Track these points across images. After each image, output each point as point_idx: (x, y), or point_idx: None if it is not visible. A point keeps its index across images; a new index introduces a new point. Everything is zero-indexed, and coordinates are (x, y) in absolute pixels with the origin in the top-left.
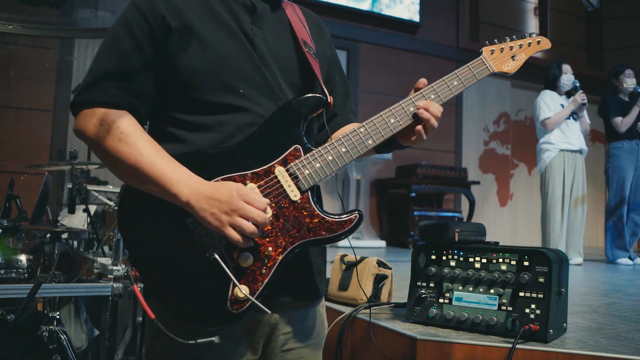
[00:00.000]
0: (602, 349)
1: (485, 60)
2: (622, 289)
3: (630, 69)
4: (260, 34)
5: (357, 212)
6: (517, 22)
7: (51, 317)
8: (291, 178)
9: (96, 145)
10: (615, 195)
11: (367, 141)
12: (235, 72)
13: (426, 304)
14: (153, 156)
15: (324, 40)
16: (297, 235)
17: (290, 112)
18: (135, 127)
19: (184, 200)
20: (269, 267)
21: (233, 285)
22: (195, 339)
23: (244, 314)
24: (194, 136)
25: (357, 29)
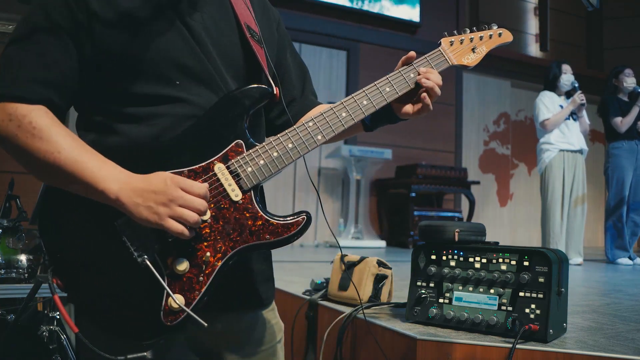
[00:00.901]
0: (602, 349)
1: (444, 51)
2: (622, 289)
3: (629, 68)
4: (199, 18)
5: (304, 213)
6: (517, 22)
7: (51, 317)
8: (232, 176)
9: (7, 143)
10: (615, 195)
11: (316, 136)
12: (171, 61)
13: (426, 304)
14: (73, 151)
15: (270, 21)
16: (239, 239)
17: (232, 104)
18: (50, 121)
19: (112, 197)
20: (207, 274)
21: (167, 295)
22: (125, 355)
23: (179, 327)
24: (126, 127)
25: (357, 29)
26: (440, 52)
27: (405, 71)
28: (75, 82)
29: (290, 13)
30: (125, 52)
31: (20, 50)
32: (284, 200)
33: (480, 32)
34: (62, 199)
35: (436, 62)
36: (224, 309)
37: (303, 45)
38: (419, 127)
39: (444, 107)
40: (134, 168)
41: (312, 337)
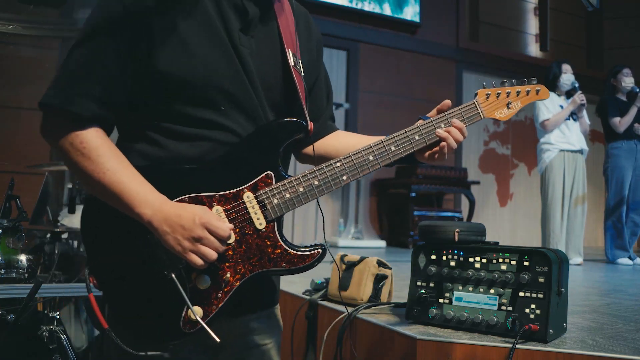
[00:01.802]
0: (602, 349)
1: (478, 105)
2: (622, 289)
3: (628, 68)
4: (247, 43)
5: (320, 247)
6: (517, 22)
7: (51, 317)
8: (259, 206)
9: (61, 155)
10: (615, 195)
11: (342, 177)
12: (219, 87)
13: (426, 304)
14: (116, 174)
15: (311, 41)
16: (257, 264)
17: (268, 136)
18: (100, 141)
19: (145, 220)
20: (225, 292)
21: (187, 307)
22: (146, 351)
23: (196, 334)
24: (172, 144)
25: (357, 29)
26: (475, 105)
27: (436, 121)
28: (127, 99)
29: None
30: (178, 73)
31: (83, 64)
32: None
33: (518, 87)
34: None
35: (469, 115)
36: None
37: None
38: None
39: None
40: (171, 184)
41: (312, 337)
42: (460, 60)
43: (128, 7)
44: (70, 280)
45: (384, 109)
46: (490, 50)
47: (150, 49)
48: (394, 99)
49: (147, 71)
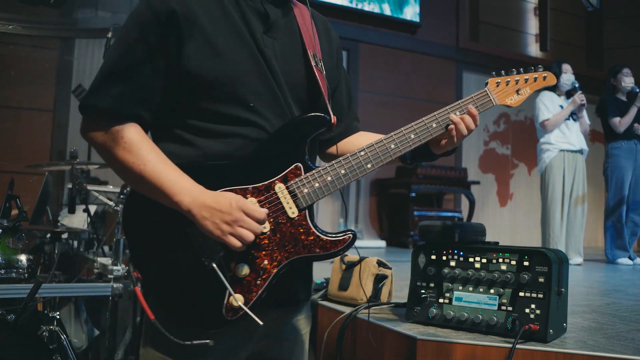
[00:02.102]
0: (602, 349)
1: (490, 92)
2: (622, 289)
3: (628, 68)
4: (271, 44)
5: (350, 232)
6: (517, 22)
7: (51, 317)
8: (290, 195)
9: (103, 152)
10: (615, 195)
11: (366, 165)
12: (247, 85)
13: (426, 304)
14: (156, 165)
15: (331, 46)
16: (292, 251)
17: (294, 130)
18: (139, 137)
19: (185, 209)
20: (263, 278)
21: (228, 294)
22: (191, 340)
23: (238, 321)
24: (204, 142)
25: (357, 29)
26: (487, 92)
27: (452, 109)
28: (161, 99)
29: None
30: (208, 74)
31: (118, 68)
32: None
33: (526, 75)
34: (145, 204)
35: (481, 102)
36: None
37: None
38: None
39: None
40: (206, 180)
41: (312, 337)
42: (460, 60)
43: (158, 14)
44: (70, 280)
45: (384, 109)
46: (490, 50)
47: (180, 51)
48: (394, 99)
49: (178, 72)
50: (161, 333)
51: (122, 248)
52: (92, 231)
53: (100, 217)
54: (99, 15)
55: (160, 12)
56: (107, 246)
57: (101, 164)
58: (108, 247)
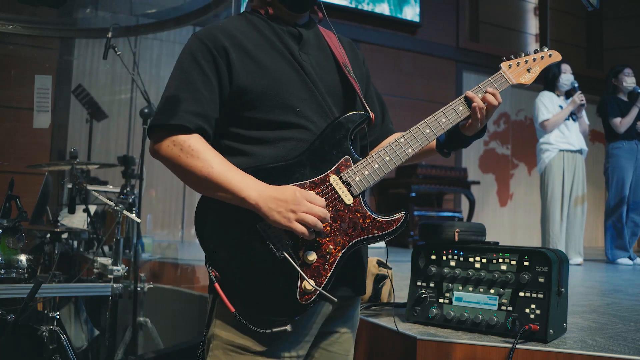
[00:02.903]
0: (602, 349)
1: (505, 73)
2: (622, 289)
3: (629, 68)
4: (307, 59)
5: (403, 212)
6: (517, 22)
7: (51, 317)
8: (344, 185)
9: (170, 162)
10: (615, 195)
11: (407, 150)
12: (292, 93)
13: (426, 304)
14: (222, 167)
15: (358, 61)
16: (353, 234)
17: (339, 128)
18: (204, 145)
19: (252, 203)
20: (330, 262)
21: (301, 279)
22: (270, 328)
23: (312, 304)
24: (257, 149)
25: (357, 29)
26: (502, 74)
27: (475, 91)
28: (218, 114)
29: None
30: (257, 88)
31: (179, 91)
32: None
33: (534, 55)
34: (215, 208)
35: (498, 82)
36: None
37: None
38: None
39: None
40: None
41: None
42: (460, 60)
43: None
44: (70, 280)
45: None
46: (490, 50)
47: (230, 73)
48: (394, 98)
49: (231, 90)
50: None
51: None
52: (92, 231)
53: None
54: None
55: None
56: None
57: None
58: (108, 247)
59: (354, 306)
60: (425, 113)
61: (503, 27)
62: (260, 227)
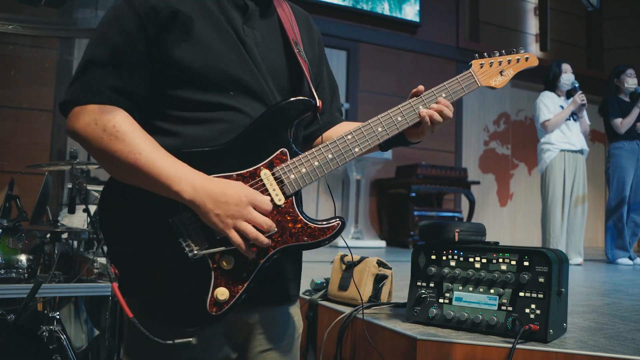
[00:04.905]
0: (602, 349)
1: (474, 74)
2: (622, 289)
3: (631, 68)
4: (251, 34)
5: (339, 219)
6: (517, 22)
7: (51, 317)
8: (276, 182)
9: (91, 144)
10: (616, 195)
11: (354, 149)
12: (227, 74)
13: (426, 304)
14: (152, 154)
15: (312, 38)
16: (280, 240)
17: (279, 115)
18: (131, 124)
19: (187, 198)
20: (250, 271)
21: (213, 287)
22: (173, 339)
23: (223, 316)
24: (185, 129)
25: (357, 29)
26: (471, 74)
27: (437, 91)
28: (146, 90)
29: None
30: (187, 63)
31: (99, 60)
32: None
33: (509, 56)
34: (121, 195)
35: (466, 83)
36: (261, 302)
37: None
38: None
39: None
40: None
41: (312, 337)
42: (460, 60)
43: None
44: (70, 280)
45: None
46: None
47: (160, 44)
48: (394, 99)
49: (160, 64)
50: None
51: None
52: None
53: None
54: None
55: (139, 6)
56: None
57: None
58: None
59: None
60: None
61: (503, 27)
62: (172, 222)
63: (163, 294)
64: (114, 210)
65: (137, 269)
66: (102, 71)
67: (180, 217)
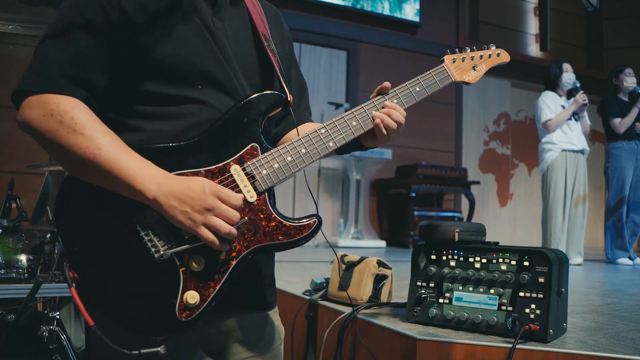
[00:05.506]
0: (602, 349)
1: (448, 68)
2: (622, 289)
3: (630, 68)
4: (221, 26)
5: (315, 217)
6: (517, 22)
7: (51, 317)
8: (247, 178)
9: (45, 138)
10: (615, 195)
11: (328, 143)
12: (195, 66)
13: (426, 304)
14: (113, 149)
15: (282, 34)
16: (253, 239)
17: (249, 109)
18: (90, 117)
19: (150, 197)
20: (222, 272)
21: (182, 290)
22: (139, 349)
23: (194, 322)
24: (150, 124)
25: (357, 29)
26: (444, 68)
27: (411, 85)
28: (107, 81)
29: (290, 13)
30: (153, 54)
31: (56, 48)
32: (284, 201)
33: (480, 52)
34: (80, 194)
35: (440, 77)
36: (236, 308)
37: (303, 45)
38: (419, 127)
39: (444, 107)
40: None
41: (312, 337)
42: None
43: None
44: None
45: None
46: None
47: (124, 34)
48: None
49: (124, 54)
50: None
51: None
52: None
53: None
54: None
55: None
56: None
57: None
58: None
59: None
60: (425, 113)
61: (503, 27)
62: (137, 221)
63: (128, 299)
64: (73, 210)
65: (99, 272)
66: (59, 60)
67: (145, 215)
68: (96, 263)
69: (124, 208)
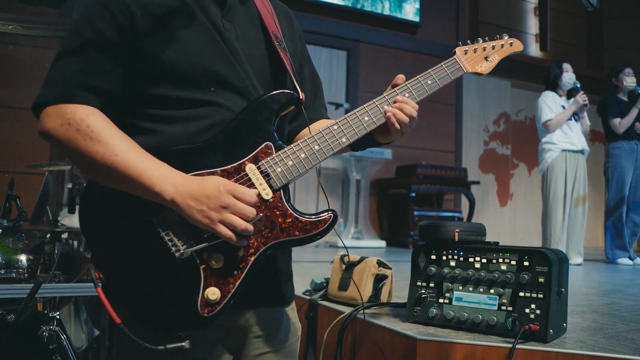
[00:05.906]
0: (602, 349)
1: (459, 60)
2: (622, 289)
3: (630, 68)
4: (231, 28)
5: (331, 211)
6: (517, 22)
7: (51, 317)
8: (262, 176)
9: (65, 146)
10: (615, 195)
11: (341, 139)
12: (206, 69)
13: (426, 304)
14: (129, 154)
15: (293, 32)
16: (270, 236)
17: (261, 108)
18: (106, 124)
19: (168, 199)
20: (240, 268)
21: (204, 287)
22: (164, 345)
23: (215, 318)
24: (164, 127)
25: (357, 29)
26: (456, 60)
27: (423, 78)
28: (121, 88)
29: None
30: (165, 59)
31: (71, 61)
32: None
33: (493, 42)
34: (101, 197)
35: (452, 69)
36: (255, 304)
37: None
38: (419, 127)
39: (444, 107)
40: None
41: (312, 337)
42: None
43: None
44: (70, 280)
45: None
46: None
47: (136, 39)
48: None
49: (136, 60)
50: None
51: None
52: None
53: None
54: None
55: (111, 3)
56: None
57: None
58: None
59: (275, 321)
60: (425, 113)
61: (503, 27)
62: (157, 222)
63: (151, 297)
64: (95, 213)
65: (122, 272)
66: (75, 70)
67: (164, 216)
68: (119, 263)
69: (143, 209)
